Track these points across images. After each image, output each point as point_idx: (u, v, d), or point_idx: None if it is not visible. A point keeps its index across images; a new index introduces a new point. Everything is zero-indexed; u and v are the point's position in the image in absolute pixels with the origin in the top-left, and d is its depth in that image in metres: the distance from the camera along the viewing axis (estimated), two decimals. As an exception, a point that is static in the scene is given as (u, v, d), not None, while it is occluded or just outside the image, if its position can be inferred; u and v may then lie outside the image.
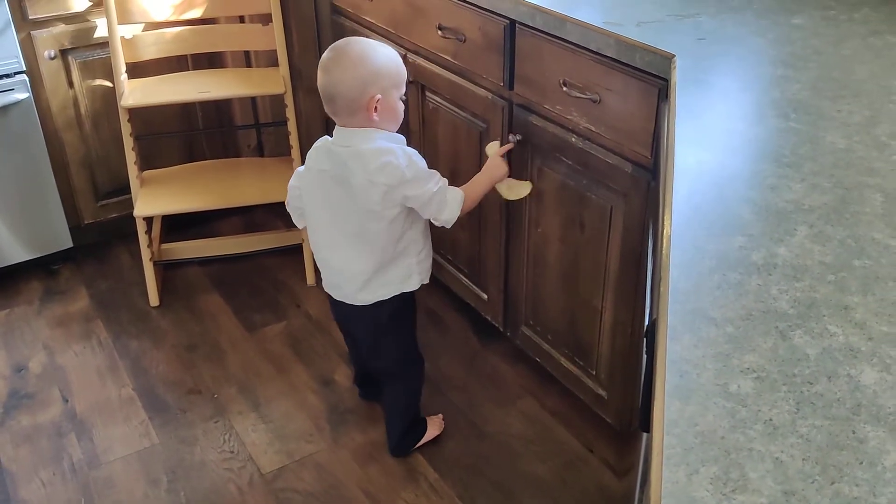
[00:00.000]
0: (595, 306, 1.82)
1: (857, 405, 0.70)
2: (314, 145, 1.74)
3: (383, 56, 1.67)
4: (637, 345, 1.73)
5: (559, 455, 1.96)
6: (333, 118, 1.69)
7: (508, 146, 1.84)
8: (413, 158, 1.66)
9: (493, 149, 1.84)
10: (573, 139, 1.71)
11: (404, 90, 1.71)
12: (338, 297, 1.80)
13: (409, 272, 1.75)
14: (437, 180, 1.67)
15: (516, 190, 1.84)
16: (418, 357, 1.93)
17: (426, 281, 1.81)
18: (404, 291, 1.76)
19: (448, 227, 1.72)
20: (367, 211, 1.65)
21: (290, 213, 1.85)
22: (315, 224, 1.77)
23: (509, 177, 1.82)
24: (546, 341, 2.03)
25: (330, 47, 1.69)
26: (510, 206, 1.96)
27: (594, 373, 1.90)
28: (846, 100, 1.26)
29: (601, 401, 1.90)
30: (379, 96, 1.63)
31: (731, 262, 0.88)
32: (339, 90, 1.64)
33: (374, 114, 1.64)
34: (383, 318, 1.78)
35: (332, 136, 1.71)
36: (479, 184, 1.79)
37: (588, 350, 1.90)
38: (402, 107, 1.71)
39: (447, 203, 1.68)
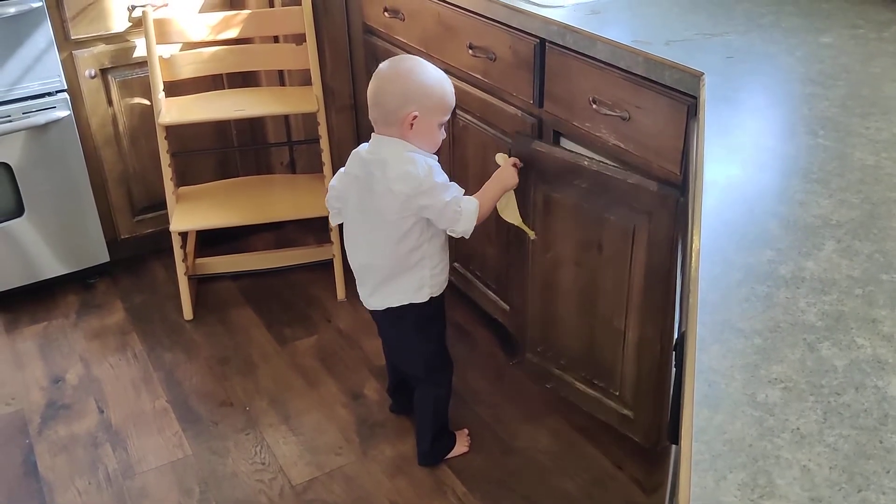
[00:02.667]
0: (617, 327, 1.82)
1: (884, 416, 0.71)
2: (353, 150, 1.78)
3: (432, 78, 1.70)
4: (665, 362, 1.74)
5: (587, 471, 1.96)
6: (373, 125, 1.73)
7: (515, 160, 1.84)
8: (433, 169, 1.69)
9: (503, 158, 1.85)
10: (585, 162, 1.73)
11: (446, 119, 1.73)
12: (360, 296, 1.86)
13: (420, 284, 1.77)
14: (452, 191, 1.69)
15: (512, 210, 1.84)
16: (445, 365, 1.95)
17: (436, 294, 1.82)
18: (414, 302, 1.78)
19: (466, 237, 1.74)
20: (384, 219, 1.69)
21: (329, 210, 1.89)
22: (347, 225, 1.83)
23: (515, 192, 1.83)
24: (558, 367, 2.02)
25: (391, 58, 1.74)
26: (516, 230, 1.94)
27: (617, 394, 1.89)
28: (875, 117, 1.27)
29: (627, 420, 1.90)
30: (416, 114, 1.66)
31: (760, 275, 0.90)
32: (381, 98, 1.68)
33: (409, 130, 1.67)
34: (404, 326, 1.83)
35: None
36: (489, 191, 1.80)
37: (610, 371, 1.89)
38: (440, 134, 1.73)
39: (462, 214, 1.69)
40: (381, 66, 1.72)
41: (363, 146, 1.76)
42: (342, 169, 1.81)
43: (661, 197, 1.60)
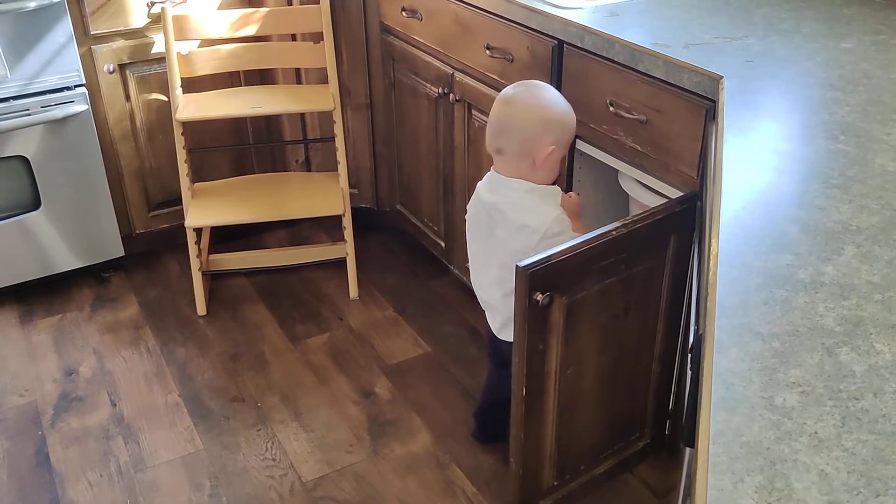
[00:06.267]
0: (645, 370, 1.73)
1: (903, 421, 0.71)
2: (479, 182, 1.71)
3: (568, 109, 1.62)
4: (682, 361, 1.73)
5: (598, 474, 1.95)
6: (494, 156, 1.64)
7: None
8: (555, 221, 1.58)
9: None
10: (613, 233, 1.47)
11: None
12: (489, 323, 1.79)
13: None
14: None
15: None
16: None
17: None
18: None
19: None
20: (504, 266, 1.62)
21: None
22: (471, 258, 1.79)
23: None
24: (576, 476, 1.76)
25: (519, 83, 1.65)
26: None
27: (638, 434, 1.84)
28: (896, 123, 1.26)
29: (647, 448, 1.87)
30: (553, 147, 1.58)
31: (779, 279, 0.89)
32: (517, 125, 1.58)
33: (541, 162, 1.58)
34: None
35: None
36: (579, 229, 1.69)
37: (630, 429, 1.80)
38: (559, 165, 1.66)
39: None
40: (514, 91, 1.62)
41: (485, 180, 1.68)
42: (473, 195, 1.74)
43: (684, 211, 1.56)
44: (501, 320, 1.73)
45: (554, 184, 1.67)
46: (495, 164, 1.66)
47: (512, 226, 1.60)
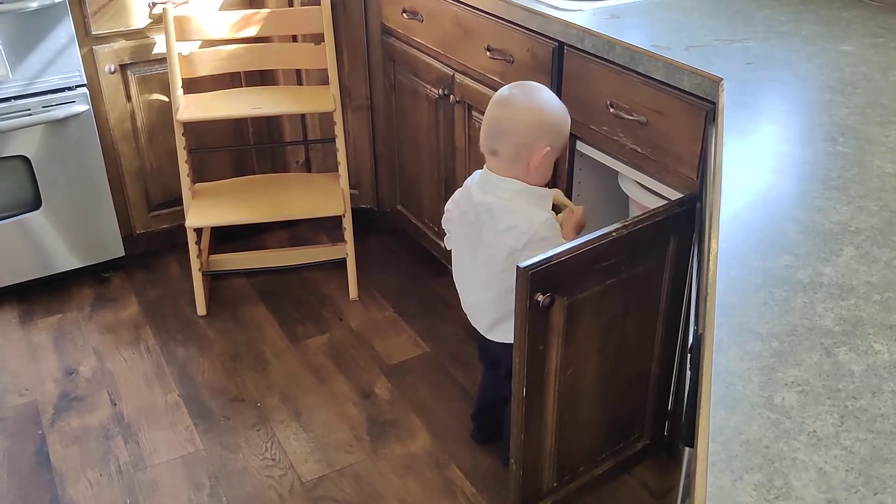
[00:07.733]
0: (644, 370, 1.74)
1: (901, 420, 0.71)
2: (467, 179, 1.71)
3: (564, 113, 1.62)
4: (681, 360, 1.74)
5: (597, 474, 1.96)
6: (487, 156, 1.64)
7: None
8: (544, 225, 1.58)
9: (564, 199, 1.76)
10: (614, 234, 1.47)
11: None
12: (474, 325, 1.80)
13: None
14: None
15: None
16: None
17: None
18: None
19: None
20: (493, 268, 1.63)
21: (445, 229, 1.82)
22: (455, 256, 1.78)
23: None
24: (575, 476, 1.76)
25: (515, 83, 1.64)
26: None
27: (638, 435, 1.84)
28: (895, 125, 1.27)
29: (646, 448, 1.88)
30: (548, 149, 1.59)
31: (778, 279, 0.90)
32: (515, 127, 1.58)
33: (534, 165, 1.59)
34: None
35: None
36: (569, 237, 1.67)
37: (629, 430, 1.81)
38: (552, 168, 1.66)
39: None
40: (510, 93, 1.61)
41: (475, 177, 1.68)
42: (457, 192, 1.74)
43: (684, 212, 1.57)
44: (490, 320, 1.73)
45: (547, 186, 1.67)
46: (488, 164, 1.66)
47: (499, 227, 1.60)
